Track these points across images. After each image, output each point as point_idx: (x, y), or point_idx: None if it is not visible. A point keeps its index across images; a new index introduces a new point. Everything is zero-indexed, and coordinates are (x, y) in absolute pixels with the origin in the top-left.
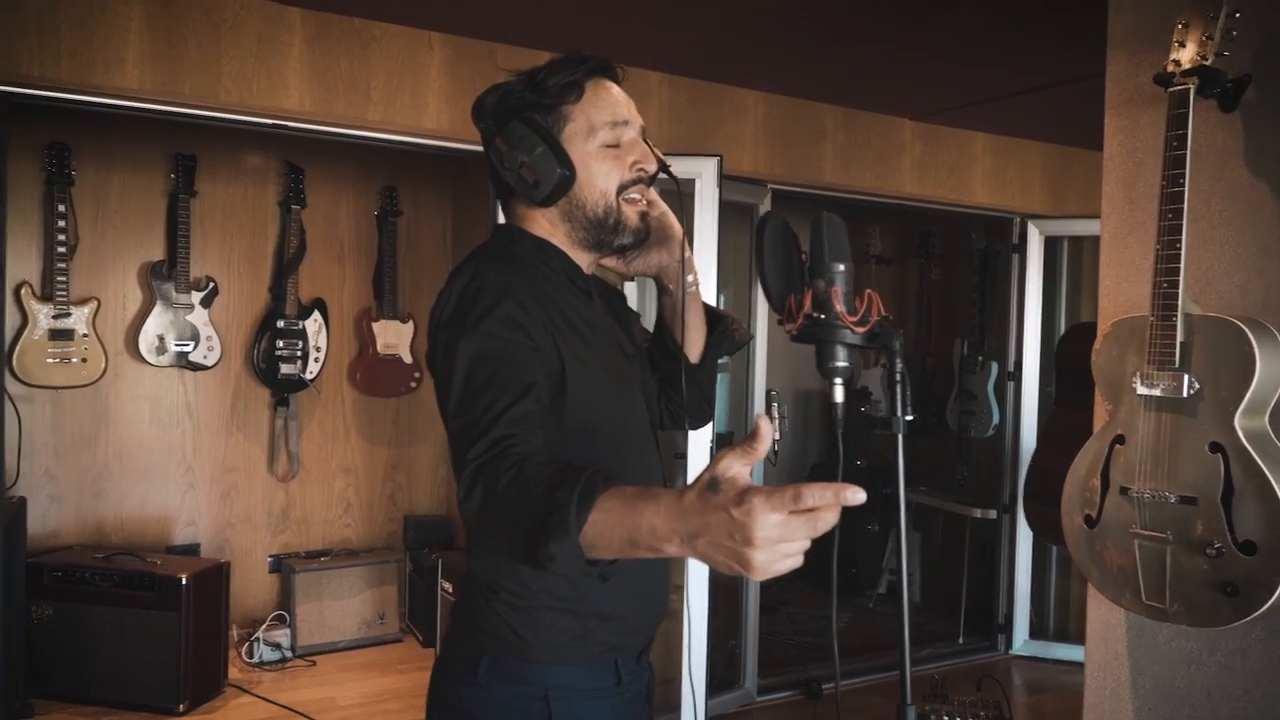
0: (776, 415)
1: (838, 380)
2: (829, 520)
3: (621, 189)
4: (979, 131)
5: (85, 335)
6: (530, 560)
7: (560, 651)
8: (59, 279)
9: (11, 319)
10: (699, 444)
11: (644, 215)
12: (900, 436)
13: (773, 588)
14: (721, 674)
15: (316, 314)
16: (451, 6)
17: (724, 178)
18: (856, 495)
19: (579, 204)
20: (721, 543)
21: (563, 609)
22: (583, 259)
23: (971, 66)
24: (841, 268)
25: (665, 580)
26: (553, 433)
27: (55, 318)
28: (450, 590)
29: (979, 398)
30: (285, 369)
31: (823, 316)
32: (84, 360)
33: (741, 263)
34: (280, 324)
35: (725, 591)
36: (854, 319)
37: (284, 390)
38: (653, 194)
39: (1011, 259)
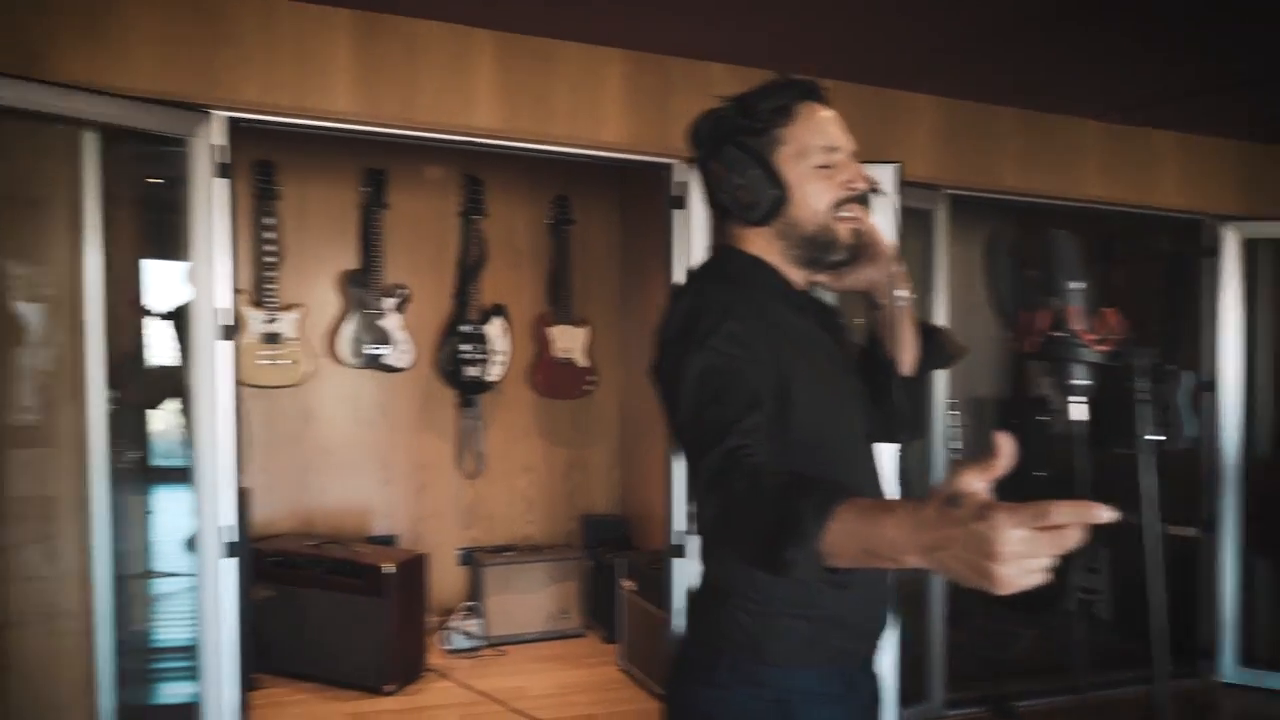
0: (959, 424)
1: (1078, 398)
2: (1074, 538)
3: (833, 207)
4: (1168, 130)
5: (292, 339)
6: (768, 566)
7: (796, 656)
8: (268, 286)
9: None
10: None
11: (855, 232)
12: (1149, 458)
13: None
14: (905, 686)
15: (497, 319)
16: (630, 24)
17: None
18: (1105, 514)
19: (793, 223)
20: (963, 556)
21: (797, 614)
22: (796, 275)
23: (1160, 64)
24: (1078, 286)
25: (890, 590)
26: (776, 445)
27: (266, 322)
28: (635, 588)
29: (1171, 408)
30: (469, 371)
31: (1061, 335)
32: (292, 362)
33: (916, 270)
34: (464, 329)
35: (908, 601)
36: (1094, 337)
37: (469, 391)
38: (863, 211)
39: (1203, 263)
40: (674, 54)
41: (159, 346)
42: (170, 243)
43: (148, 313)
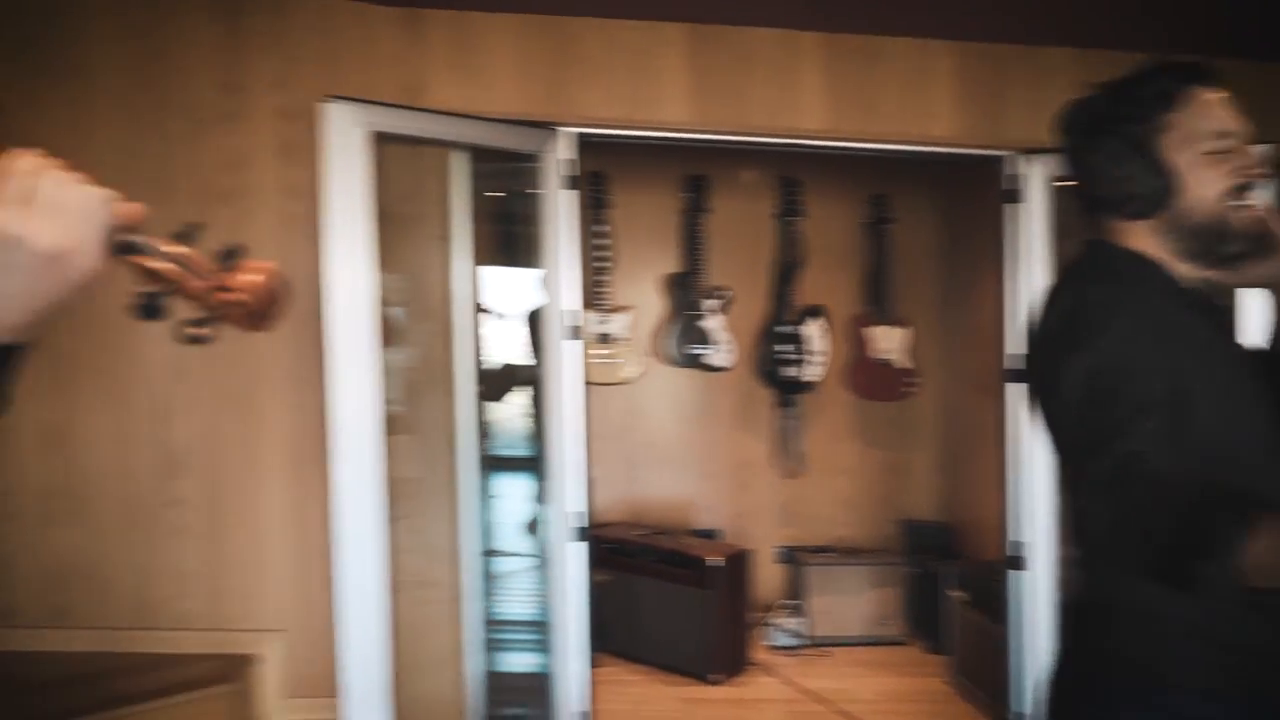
0: None
1: None
2: None
3: (1227, 196)
4: None
5: (622, 339)
6: (1174, 580)
7: (1199, 682)
8: (600, 290)
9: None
10: None
11: (1256, 221)
12: None
13: None
14: None
15: (814, 319)
16: (960, 14)
17: None
18: None
19: (1181, 214)
20: None
21: (1199, 636)
22: (1181, 270)
23: None
24: None
25: None
26: (1176, 452)
27: (598, 324)
28: (966, 599)
29: None
30: (787, 372)
31: None
32: (623, 361)
33: None
34: (781, 329)
35: None
36: None
37: (787, 391)
38: (1261, 199)
39: None
40: (1007, 41)
41: (499, 345)
42: (511, 249)
43: (488, 313)
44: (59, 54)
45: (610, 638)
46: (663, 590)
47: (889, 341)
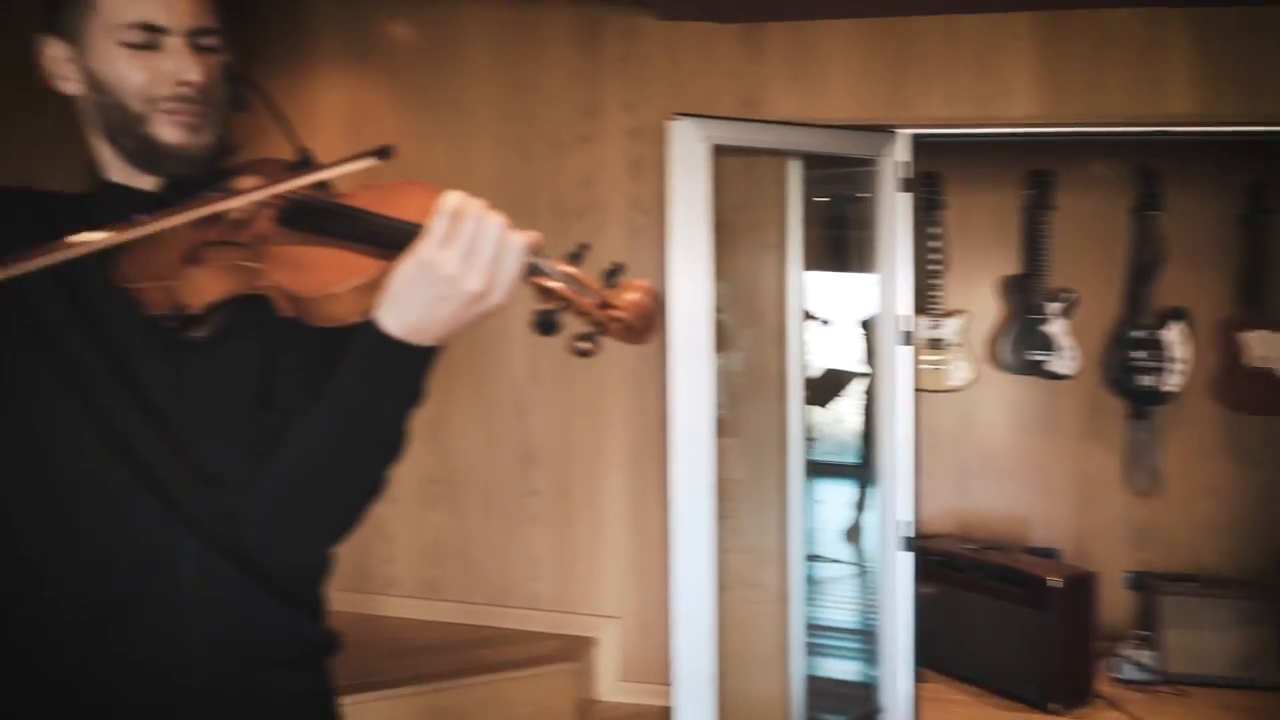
0: None
1: None
2: None
3: None
4: None
5: (955, 345)
6: None
7: None
8: (932, 294)
9: None
10: None
11: None
12: None
13: None
14: None
15: (1175, 323)
16: None
17: None
18: None
19: None
20: None
21: None
22: None
23: None
24: None
25: None
26: None
27: (930, 329)
28: None
29: None
30: (1142, 380)
31: None
32: (954, 367)
33: None
34: (1136, 334)
35: None
36: None
37: (1141, 402)
38: None
39: None
40: None
41: (823, 351)
42: (834, 255)
43: (812, 319)
44: (444, 94)
45: (935, 653)
46: (994, 609)
47: (1268, 348)
